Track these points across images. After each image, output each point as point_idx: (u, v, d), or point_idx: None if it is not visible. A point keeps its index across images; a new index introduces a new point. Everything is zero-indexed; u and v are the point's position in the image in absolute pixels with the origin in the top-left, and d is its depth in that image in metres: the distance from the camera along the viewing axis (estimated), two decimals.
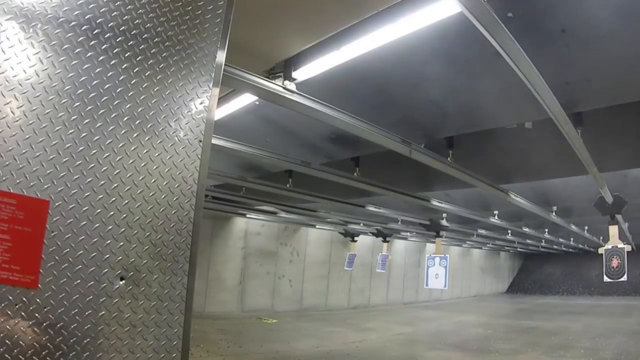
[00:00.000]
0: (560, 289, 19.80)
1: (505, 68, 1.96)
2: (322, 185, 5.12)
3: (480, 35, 1.71)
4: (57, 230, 1.00)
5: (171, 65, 1.21)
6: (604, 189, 4.34)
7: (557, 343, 7.88)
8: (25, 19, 0.98)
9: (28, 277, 0.97)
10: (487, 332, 9.35)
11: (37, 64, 1.00)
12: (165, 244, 1.18)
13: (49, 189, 1.00)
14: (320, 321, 10.19)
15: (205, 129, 1.27)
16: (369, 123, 2.92)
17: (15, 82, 0.97)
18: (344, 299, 12.93)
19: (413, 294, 15.20)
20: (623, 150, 3.75)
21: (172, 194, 1.19)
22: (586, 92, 2.53)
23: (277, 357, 6.43)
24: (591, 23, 1.91)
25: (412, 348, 7.91)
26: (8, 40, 0.96)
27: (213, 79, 1.29)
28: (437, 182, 5.18)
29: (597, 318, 11.41)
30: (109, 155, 1.09)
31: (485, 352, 7.21)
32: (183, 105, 1.23)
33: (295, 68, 2.34)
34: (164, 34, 1.20)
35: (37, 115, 0.99)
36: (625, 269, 4.55)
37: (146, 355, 1.12)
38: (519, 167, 4.63)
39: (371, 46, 2.05)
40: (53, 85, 1.01)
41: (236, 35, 1.41)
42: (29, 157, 0.97)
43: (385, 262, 10.32)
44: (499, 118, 3.13)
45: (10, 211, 0.95)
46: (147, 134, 1.16)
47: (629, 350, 7.01)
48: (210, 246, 9.73)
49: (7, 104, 0.95)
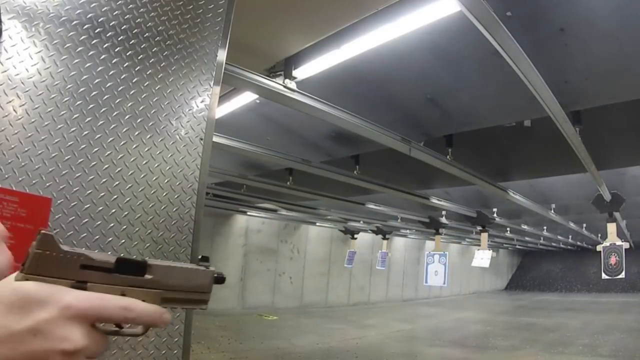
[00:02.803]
0: (559, 286, 19.87)
1: (504, 67, 1.97)
2: (322, 183, 5.13)
3: (479, 34, 1.72)
4: (59, 228, 1.01)
5: (172, 64, 1.21)
6: (602, 186, 4.35)
7: (556, 339, 7.91)
8: (28, 17, 0.99)
9: None
10: (486, 329, 9.39)
11: (39, 62, 1.00)
12: (167, 241, 1.18)
13: (51, 186, 1.00)
14: (320, 318, 10.23)
15: (206, 127, 1.27)
16: (368, 121, 2.93)
17: (18, 80, 0.97)
18: (344, 296, 12.97)
19: (412, 291, 15.25)
20: (621, 149, 3.76)
21: (173, 191, 1.20)
22: (585, 90, 2.54)
23: (278, 353, 6.46)
24: (590, 22, 1.92)
25: (412, 345, 7.95)
26: (10, 39, 0.97)
27: (214, 78, 1.30)
28: (437, 180, 5.20)
29: (595, 315, 11.45)
30: (111, 153, 1.09)
31: (485, 349, 7.24)
32: (184, 103, 1.24)
33: (296, 67, 2.34)
34: (166, 32, 1.20)
35: (39, 114, 1.00)
36: (623, 266, 4.57)
37: (147, 351, 1.13)
38: (518, 165, 4.65)
39: (371, 45, 2.06)
40: (55, 84, 1.02)
41: (237, 34, 1.41)
42: (31, 155, 0.98)
43: (385, 259, 10.35)
44: (498, 116, 3.14)
45: (12, 209, 0.96)
46: (149, 132, 1.16)
47: (627, 347, 7.04)
48: (211, 243, 9.75)
49: (9, 102, 0.96)
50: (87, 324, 0.37)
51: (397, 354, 6.92)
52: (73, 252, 0.40)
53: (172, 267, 0.46)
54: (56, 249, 0.39)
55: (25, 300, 0.35)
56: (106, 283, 0.41)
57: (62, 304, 0.36)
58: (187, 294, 0.47)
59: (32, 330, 0.34)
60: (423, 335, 8.92)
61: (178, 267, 0.47)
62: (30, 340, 0.34)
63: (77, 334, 0.36)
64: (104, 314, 0.38)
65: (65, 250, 0.40)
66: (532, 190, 5.69)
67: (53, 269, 0.38)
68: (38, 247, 0.38)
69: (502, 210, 7.29)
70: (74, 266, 0.40)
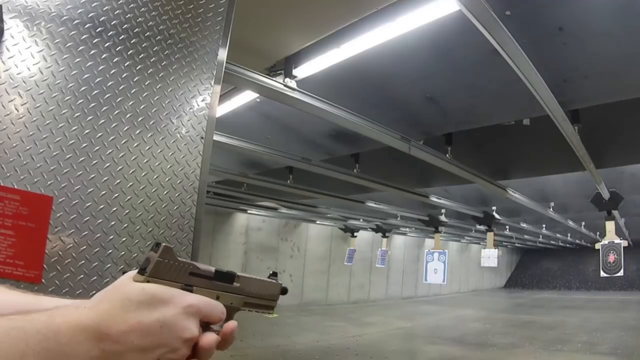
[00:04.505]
0: (558, 283, 19.91)
1: (503, 65, 1.98)
2: (322, 181, 5.14)
3: (478, 33, 1.72)
4: (61, 226, 1.01)
5: (173, 63, 1.22)
6: (601, 185, 4.36)
7: (555, 337, 7.94)
8: (29, 17, 0.99)
9: (32, 272, 0.98)
10: (486, 327, 9.41)
11: (40, 61, 1.01)
12: (168, 239, 1.19)
13: (53, 185, 1.01)
14: (320, 315, 10.25)
15: (206, 125, 1.28)
16: (368, 120, 2.94)
17: (20, 79, 0.98)
18: (344, 293, 12.99)
19: (412, 289, 15.28)
20: (620, 147, 3.76)
21: (174, 190, 1.21)
22: (583, 89, 2.54)
23: (278, 351, 6.48)
24: (588, 21, 1.92)
25: (411, 342, 7.97)
26: (12, 38, 0.97)
27: (214, 77, 1.30)
28: (436, 178, 5.20)
29: (593, 312, 11.48)
30: (112, 152, 1.10)
31: (484, 346, 7.27)
32: (185, 102, 1.24)
33: (296, 66, 2.35)
34: (166, 32, 1.21)
35: (41, 112, 1.00)
36: (621, 264, 4.59)
37: None
38: (517, 163, 4.65)
39: (371, 44, 2.06)
40: (56, 83, 1.02)
41: (237, 34, 1.42)
42: (33, 154, 0.98)
43: (384, 257, 10.38)
44: (497, 115, 3.14)
45: (14, 207, 0.96)
46: (150, 130, 1.17)
47: (625, 344, 7.06)
48: (211, 241, 9.75)
49: (11, 101, 0.96)
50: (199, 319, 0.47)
51: (396, 351, 6.95)
52: (184, 261, 0.50)
53: (253, 279, 0.59)
54: (173, 258, 0.49)
55: (153, 299, 0.44)
56: (207, 288, 0.51)
57: (185, 303, 0.46)
58: (261, 300, 0.59)
59: (160, 322, 0.43)
60: (422, 333, 8.94)
61: (256, 278, 0.59)
62: (158, 330, 0.43)
63: (194, 326, 0.45)
64: (210, 314, 0.48)
65: (179, 260, 0.49)
66: (531, 189, 5.70)
67: (169, 274, 0.48)
68: (160, 256, 0.48)
69: (501, 209, 7.30)
70: (184, 273, 0.50)
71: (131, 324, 0.42)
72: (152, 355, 0.42)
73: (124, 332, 0.41)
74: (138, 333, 0.42)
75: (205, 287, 0.51)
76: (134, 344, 0.41)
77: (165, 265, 0.48)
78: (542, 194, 6.17)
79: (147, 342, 0.42)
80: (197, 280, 0.51)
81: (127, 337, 0.41)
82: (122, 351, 0.41)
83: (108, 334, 0.40)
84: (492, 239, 7.62)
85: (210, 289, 0.52)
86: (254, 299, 0.58)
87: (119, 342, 0.41)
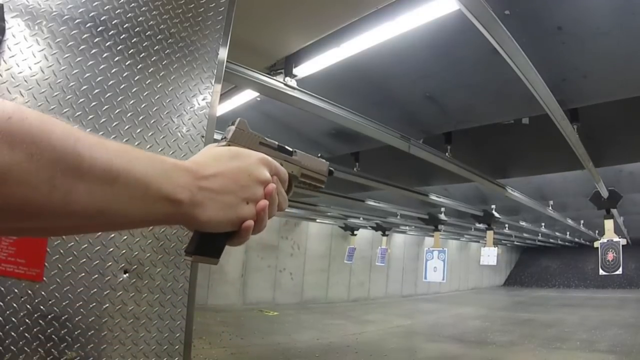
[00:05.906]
0: (557, 282, 19.95)
1: (503, 65, 1.98)
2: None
3: (478, 33, 1.73)
4: None
5: (174, 62, 1.22)
6: (600, 183, 4.37)
7: (554, 335, 7.96)
8: (31, 16, 1.00)
9: (33, 270, 0.99)
10: (485, 325, 9.44)
11: (42, 60, 1.01)
12: (168, 237, 1.19)
13: None
14: (320, 313, 10.27)
15: (207, 124, 1.28)
16: (368, 119, 2.94)
17: (21, 78, 0.98)
18: (344, 291, 13.01)
19: (412, 287, 15.30)
20: (618, 146, 3.77)
21: None
22: (582, 88, 2.55)
23: (279, 349, 6.50)
24: (587, 20, 1.93)
25: (411, 340, 7.99)
26: (13, 37, 0.98)
27: (215, 76, 1.31)
28: (436, 177, 5.21)
29: (592, 310, 11.51)
30: None
31: (483, 344, 7.29)
32: (185, 101, 1.25)
33: (296, 65, 2.35)
34: (167, 31, 1.21)
35: (42, 111, 1.00)
36: (620, 262, 4.60)
37: (149, 347, 1.14)
38: (516, 162, 4.66)
39: (371, 43, 2.07)
40: (58, 82, 1.03)
41: (238, 33, 1.42)
42: None
43: (384, 255, 10.39)
44: (496, 114, 3.15)
45: None
46: (150, 129, 1.17)
47: (624, 342, 7.09)
48: None
49: (12, 100, 0.97)
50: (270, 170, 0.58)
51: (396, 349, 6.97)
52: (255, 133, 0.61)
53: (307, 155, 0.70)
54: (247, 129, 0.60)
55: (238, 154, 0.56)
56: (273, 156, 0.61)
57: (260, 156, 0.58)
58: (314, 173, 0.70)
59: (245, 168, 0.55)
60: (422, 331, 8.96)
61: (310, 155, 0.70)
62: (244, 175, 0.55)
63: (267, 172, 0.57)
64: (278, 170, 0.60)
65: (251, 131, 0.60)
66: (530, 187, 5.71)
67: (244, 141, 0.59)
68: (237, 127, 0.59)
69: (501, 207, 7.31)
70: (255, 142, 0.61)
71: (221, 169, 0.53)
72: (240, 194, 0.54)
73: (215, 175, 0.52)
74: (226, 175, 0.53)
75: (271, 155, 0.61)
76: (224, 184, 0.52)
77: (242, 134, 0.59)
78: (541, 193, 6.19)
79: (232, 183, 0.53)
80: (265, 149, 0.61)
81: (217, 179, 0.52)
82: (215, 189, 0.51)
83: (204, 175, 0.51)
84: (491, 237, 7.64)
85: (275, 157, 0.62)
86: (308, 171, 0.69)
87: (211, 182, 0.51)
